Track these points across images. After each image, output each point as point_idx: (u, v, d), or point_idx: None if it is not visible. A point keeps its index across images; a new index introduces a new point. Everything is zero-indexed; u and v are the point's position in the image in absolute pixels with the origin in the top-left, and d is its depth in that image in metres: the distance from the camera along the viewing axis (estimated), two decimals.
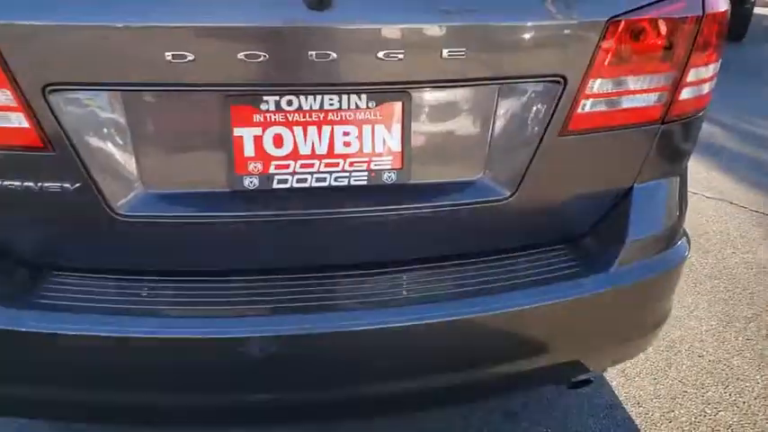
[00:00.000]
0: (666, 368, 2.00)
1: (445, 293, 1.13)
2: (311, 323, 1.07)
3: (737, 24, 7.39)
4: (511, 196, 1.14)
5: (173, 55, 0.93)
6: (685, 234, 1.35)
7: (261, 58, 0.96)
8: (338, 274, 1.15)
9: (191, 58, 0.94)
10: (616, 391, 1.90)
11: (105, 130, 1.01)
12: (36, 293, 1.08)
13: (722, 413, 1.82)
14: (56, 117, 0.97)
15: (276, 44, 0.97)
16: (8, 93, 0.94)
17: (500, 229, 1.19)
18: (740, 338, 2.15)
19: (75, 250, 1.12)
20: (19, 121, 0.97)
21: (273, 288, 1.11)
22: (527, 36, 1.04)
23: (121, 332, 1.05)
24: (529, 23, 1.04)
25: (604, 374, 1.96)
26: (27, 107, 0.96)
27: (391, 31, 0.99)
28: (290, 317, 1.08)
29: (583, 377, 1.36)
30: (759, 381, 1.95)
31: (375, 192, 1.11)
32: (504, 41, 1.04)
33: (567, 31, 1.05)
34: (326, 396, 1.14)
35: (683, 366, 2.01)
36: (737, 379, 1.96)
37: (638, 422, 1.79)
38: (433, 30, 1.00)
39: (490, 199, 1.14)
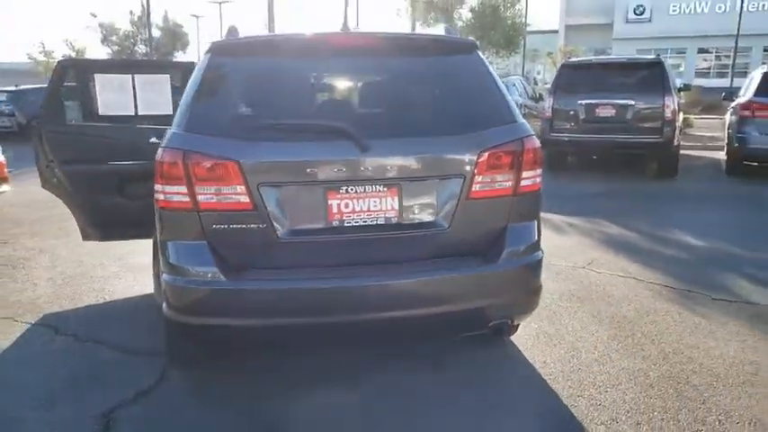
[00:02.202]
0: (570, 358, 3.23)
1: (417, 269, 2.50)
2: (362, 281, 2.43)
3: (667, 165, 9.17)
4: (448, 228, 2.54)
5: (309, 170, 2.40)
6: (541, 249, 2.73)
7: (342, 170, 2.42)
8: (372, 262, 2.52)
9: (315, 170, 2.41)
10: (537, 369, 3.13)
11: (276, 201, 2.44)
12: (241, 275, 2.44)
13: (592, 372, 3.04)
14: (260, 196, 2.40)
15: (347, 166, 2.43)
16: (243, 187, 2.39)
17: (445, 244, 2.57)
18: (614, 342, 3.40)
19: (257, 256, 2.49)
20: (244, 199, 2.41)
21: (346, 269, 2.48)
22: (447, 160, 2.53)
23: (277, 287, 2.40)
24: (448, 155, 2.52)
25: (529, 360, 3.19)
26: (249, 193, 2.40)
27: (392, 159, 2.46)
28: (353, 279, 2.43)
29: (495, 323, 2.66)
30: (617, 360, 3.18)
31: (387, 226, 2.51)
32: (438, 162, 2.52)
33: (463, 157, 2.53)
34: (363, 315, 2.46)
35: (582, 357, 3.24)
36: (610, 360, 3.19)
37: (544, 376, 3.01)
38: (409, 159, 2.49)
39: (440, 229, 2.54)
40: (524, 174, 2.60)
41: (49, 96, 4.13)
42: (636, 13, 39.03)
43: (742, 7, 29.48)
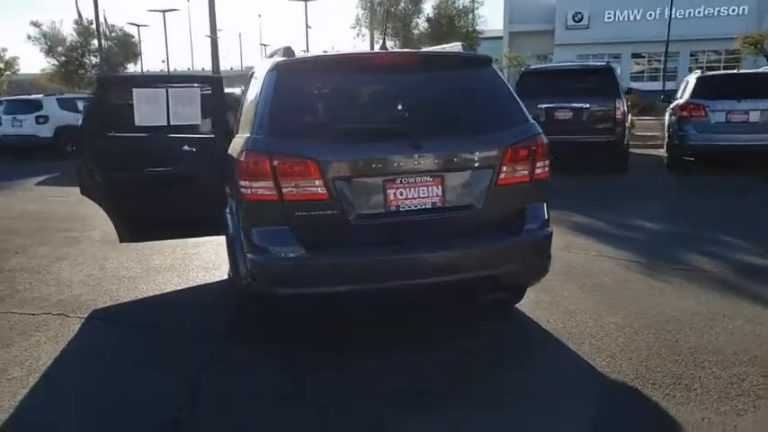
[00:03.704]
0: (568, 318, 3.93)
1: (458, 243, 3.12)
2: (413, 254, 3.04)
3: (619, 162, 10.14)
4: (482, 208, 3.18)
5: (374, 165, 2.99)
6: (550, 225, 3.40)
7: (399, 165, 3.03)
8: (422, 238, 3.11)
9: (378, 165, 3.00)
10: (543, 326, 3.80)
11: (347, 191, 3.01)
12: (319, 252, 3.00)
13: (581, 326, 3.75)
14: (335, 188, 2.97)
15: (403, 161, 3.04)
16: (321, 181, 2.96)
17: (479, 221, 3.20)
18: (600, 305, 4.13)
19: (331, 236, 3.05)
20: (322, 190, 2.97)
21: (402, 244, 3.07)
22: (480, 154, 3.17)
23: (349, 260, 2.99)
24: (480, 150, 3.17)
25: (534, 320, 3.87)
26: (325, 186, 2.96)
27: (438, 154, 3.08)
28: (407, 252, 3.03)
29: (516, 285, 3.32)
30: (605, 317, 3.90)
31: (433, 209, 3.12)
32: (473, 156, 3.16)
33: (492, 151, 3.18)
34: (415, 280, 3.05)
35: (577, 317, 3.94)
36: (600, 317, 3.91)
37: (550, 331, 3.69)
38: (450, 154, 3.11)
39: (475, 209, 3.18)
40: (537, 164, 3.26)
41: (90, 110, 4.53)
42: (575, 20, 41.09)
43: (671, 14, 31.69)
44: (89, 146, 4.47)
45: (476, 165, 3.16)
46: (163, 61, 42.73)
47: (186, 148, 4.66)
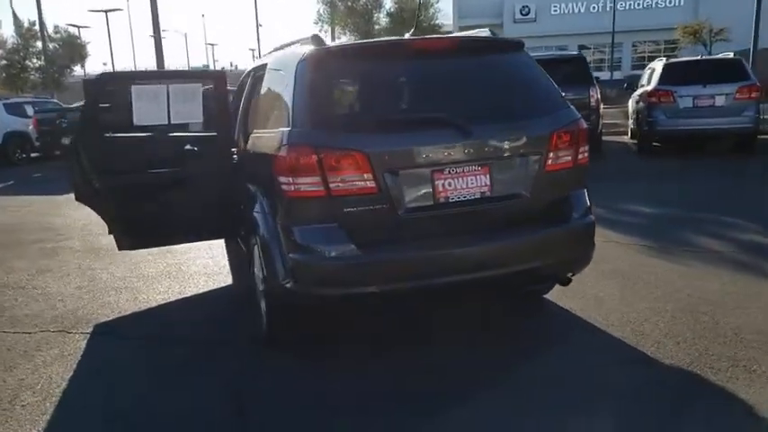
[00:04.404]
0: (599, 305, 3.88)
1: (511, 231, 3.01)
2: (467, 247, 2.90)
3: (594, 148, 10.29)
4: (530, 197, 3.08)
5: (424, 155, 2.84)
6: (592, 212, 3.33)
7: (447, 154, 2.88)
8: (469, 230, 2.98)
9: (427, 155, 2.85)
10: (577, 314, 3.75)
11: (396, 184, 2.85)
12: (371, 248, 2.83)
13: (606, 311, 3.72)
14: (384, 181, 2.81)
15: (452, 150, 2.90)
16: (371, 175, 2.78)
17: (527, 210, 3.09)
18: (626, 290, 4.11)
19: (381, 232, 2.88)
20: (371, 184, 2.80)
21: (454, 237, 2.94)
22: (527, 140, 3.06)
23: (403, 257, 2.83)
24: (527, 136, 3.06)
25: (565, 308, 3.80)
26: (375, 179, 2.79)
27: (487, 141, 2.96)
28: (460, 247, 2.90)
29: (569, 275, 3.24)
30: (636, 302, 3.88)
31: (481, 200, 3.00)
32: (520, 142, 3.05)
33: (539, 137, 3.07)
34: (472, 274, 2.93)
35: (608, 303, 3.90)
36: (631, 303, 3.88)
37: (587, 319, 3.63)
38: (498, 141, 2.99)
39: (523, 198, 3.07)
40: (580, 149, 3.19)
41: (86, 111, 4.19)
42: (522, 14, 41.96)
43: (615, 8, 32.69)
44: (85, 149, 4.15)
45: (523, 151, 3.06)
46: (105, 63, 40.99)
47: (188, 147, 4.39)
